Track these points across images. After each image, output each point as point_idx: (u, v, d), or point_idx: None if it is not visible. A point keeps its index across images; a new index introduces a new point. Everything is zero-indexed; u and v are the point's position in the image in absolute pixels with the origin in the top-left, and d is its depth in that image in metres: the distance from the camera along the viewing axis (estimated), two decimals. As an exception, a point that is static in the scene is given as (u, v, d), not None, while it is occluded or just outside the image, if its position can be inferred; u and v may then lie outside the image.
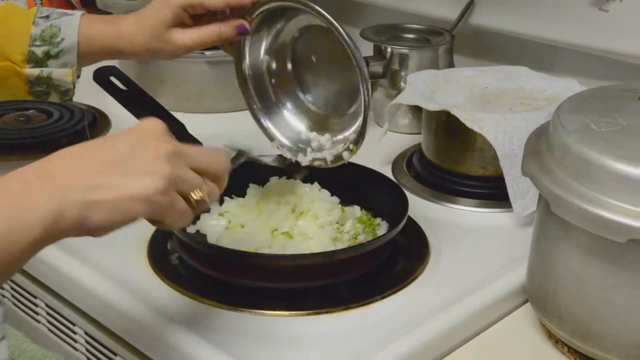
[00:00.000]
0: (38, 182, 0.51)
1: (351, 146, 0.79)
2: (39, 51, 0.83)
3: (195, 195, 0.58)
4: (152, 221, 0.58)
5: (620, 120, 0.64)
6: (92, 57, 0.87)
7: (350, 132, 0.81)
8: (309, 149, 0.82)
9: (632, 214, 0.58)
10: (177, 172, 0.56)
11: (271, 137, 0.85)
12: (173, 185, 0.55)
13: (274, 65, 0.85)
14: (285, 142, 0.84)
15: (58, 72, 0.84)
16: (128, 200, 0.53)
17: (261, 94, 0.86)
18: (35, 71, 0.83)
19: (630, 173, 0.58)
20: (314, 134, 0.83)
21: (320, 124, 0.84)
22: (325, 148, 0.82)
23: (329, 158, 0.80)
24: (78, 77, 0.88)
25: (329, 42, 0.79)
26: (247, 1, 0.80)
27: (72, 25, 0.83)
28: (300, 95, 0.85)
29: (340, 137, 0.82)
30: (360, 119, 0.78)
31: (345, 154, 0.79)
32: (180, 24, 0.82)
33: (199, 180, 0.58)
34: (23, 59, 0.83)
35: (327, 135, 0.83)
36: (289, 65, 0.85)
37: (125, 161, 0.54)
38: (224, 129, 1.05)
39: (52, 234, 0.51)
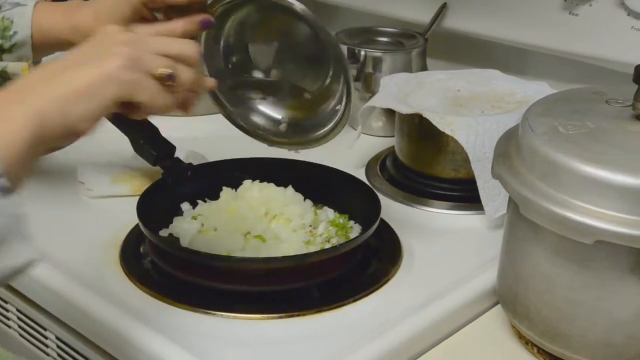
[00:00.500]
0: (14, 94, 0.53)
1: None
2: None
3: (162, 71, 0.59)
4: (130, 108, 0.60)
5: (587, 123, 0.65)
6: (47, 49, 0.84)
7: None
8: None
9: (598, 215, 0.59)
10: (137, 53, 0.58)
11: (252, 132, 0.85)
12: (135, 63, 0.57)
13: (234, 59, 0.84)
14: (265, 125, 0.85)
15: (13, 65, 0.83)
16: (97, 83, 0.55)
17: (229, 95, 0.86)
18: None
19: (596, 175, 0.59)
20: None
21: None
22: None
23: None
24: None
25: (291, 28, 0.78)
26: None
27: (25, 17, 0.81)
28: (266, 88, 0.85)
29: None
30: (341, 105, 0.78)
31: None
32: (140, 19, 0.78)
33: (163, 59, 0.60)
34: None
35: None
36: (250, 55, 0.84)
37: (86, 55, 0.57)
38: (201, 133, 1.05)
39: (42, 135, 0.52)
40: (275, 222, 0.81)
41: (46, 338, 0.81)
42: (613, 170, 0.59)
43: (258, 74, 0.85)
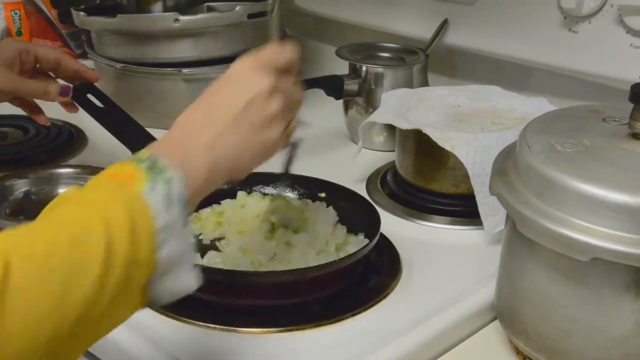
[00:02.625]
0: (202, 141, 0.58)
1: None
2: None
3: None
4: None
5: (584, 141, 0.65)
6: None
7: None
8: None
9: (594, 233, 0.59)
10: (287, 116, 0.64)
11: None
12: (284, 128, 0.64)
13: None
14: None
15: None
16: (267, 152, 0.63)
17: None
18: None
19: (592, 193, 0.59)
20: None
21: None
22: None
23: None
24: None
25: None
26: (94, 77, 0.97)
27: None
28: None
29: None
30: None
31: None
32: (10, 67, 0.91)
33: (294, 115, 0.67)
34: None
35: None
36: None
37: (258, 117, 0.61)
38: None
39: (212, 181, 0.58)
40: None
41: None
42: (609, 189, 0.59)
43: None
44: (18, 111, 1.17)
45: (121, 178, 0.53)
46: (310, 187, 0.89)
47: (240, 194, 0.89)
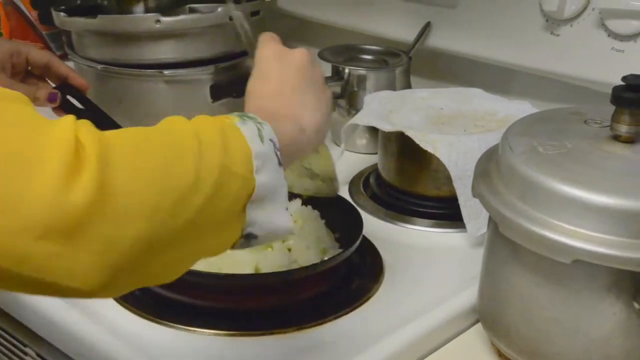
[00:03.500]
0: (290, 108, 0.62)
1: None
2: None
3: None
4: None
5: (566, 143, 0.65)
6: None
7: None
8: None
9: (576, 235, 0.59)
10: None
11: None
12: None
13: None
14: None
15: None
16: (329, 108, 0.67)
17: None
18: None
19: (574, 195, 0.60)
20: None
21: None
22: None
23: None
24: None
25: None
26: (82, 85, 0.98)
27: None
28: None
29: None
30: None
31: None
32: (2, 69, 0.89)
33: None
34: None
35: None
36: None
37: (310, 82, 0.65)
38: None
39: (298, 143, 0.61)
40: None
41: (26, 354, 0.80)
42: (590, 191, 0.59)
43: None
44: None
45: (213, 118, 0.54)
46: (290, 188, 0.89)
47: None
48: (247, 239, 0.54)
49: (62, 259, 0.41)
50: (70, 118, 0.44)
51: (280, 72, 0.64)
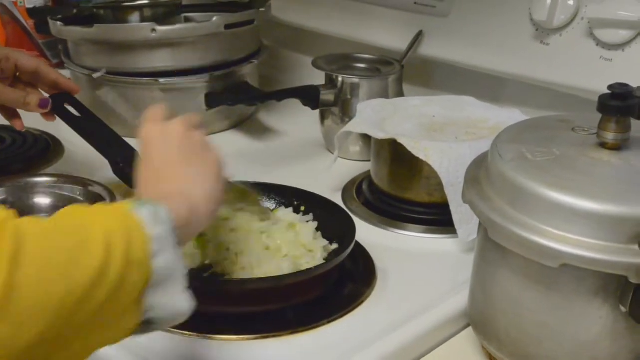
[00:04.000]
0: (178, 191, 0.62)
1: None
2: None
3: None
4: None
5: (554, 150, 0.67)
6: None
7: None
8: None
9: (564, 239, 0.60)
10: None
11: None
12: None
13: None
14: None
15: None
16: (218, 170, 0.66)
17: None
18: None
19: (562, 201, 0.61)
20: None
21: None
22: None
23: None
24: None
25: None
26: (73, 89, 0.98)
27: None
28: None
29: None
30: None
31: None
32: None
33: None
34: None
35: None
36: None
37: (185, 150, 0.66)
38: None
39: (194, 215, 0.60)
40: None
41: None
42: (578, 196, 0.60)
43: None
44: (-5, 120, 1.17)
45: (110, 206, 0.55)
46: (286, 196, 0.90)
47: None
48: (147, 325, 0.54)
49: None
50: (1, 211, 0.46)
51: (161, 151, 0.65)
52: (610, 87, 0.65)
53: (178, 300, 0.55)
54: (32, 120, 1.17)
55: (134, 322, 0.53)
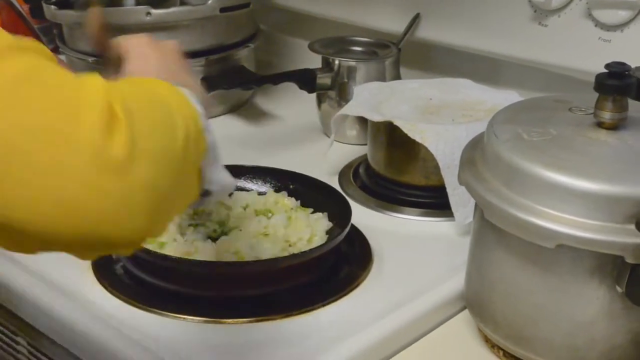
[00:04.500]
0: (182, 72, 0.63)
1: None
2: None
3: None
4: None
5: (550, 130, 0.66)
6: None
7: None
8: None
9: (560, 220, 0.60)
10: None
11: None
12: None
13: None
14: None
15: None
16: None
17: None
18: None
19: (558, 180, 0.60)
20: None
21: None
22: None
23: None
24: None
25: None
26: None
27: None
28: None
29: None
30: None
31: None
32: None
33: None
34: None
35: None
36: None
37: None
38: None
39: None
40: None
41: (17, 344, 0.81)
42: (574, 176, 0.60)
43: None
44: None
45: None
46: (282, 180, 0.89)
47: None
48: (203, 196, 0.57)
49: (115, 200, 0.43)
50: (97, 75, 0.47)
51: (158, 53, 0.65)
52: (607, 65, 0.64)
53: (225, 174, 0.59)
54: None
55: (200, 188, 0.56)
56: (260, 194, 0.87)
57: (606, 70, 0.64)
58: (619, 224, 0.59)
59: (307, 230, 0.81)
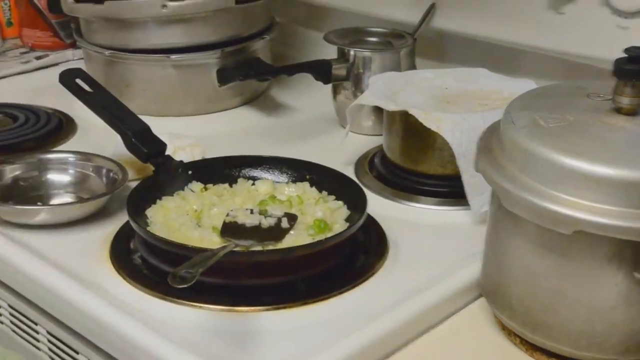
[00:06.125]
0: None
1: None
2: None
3: None
4: None
5: (567, 116, 0.65)
6: None
7: None
8: None
9: (577, 206, 0.59)
10: None
11: None
12: None
13: None
14: None
15: None
16: None
17: None
18: None
19: (575, 166, 0.59)
20: None
21: None
22: None
23: None
24: None
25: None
26: None
27: None
28: None
29: None
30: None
31: None
32: None
33: None
34: None
35: None
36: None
37: None
38: (189, 132, 1.05)
39: None
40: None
41: (37, 333, 0.81)
42: (591, 162, 0.59)
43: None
44: (10, 99, 1.17)
45: None
46: (299, 170, 0.89)
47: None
48: None
49: None
50: None
51: None
52: (626, 50, 0.64)
53: None
54: (46, 98, 1.17)
55: None
56: (277, 182, 0.87)
57: (625, 55, 0.64)
58: (637, 209, 0.58)
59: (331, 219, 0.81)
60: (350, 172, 0.96)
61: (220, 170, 0.89)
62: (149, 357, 0.67)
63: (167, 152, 0.90)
